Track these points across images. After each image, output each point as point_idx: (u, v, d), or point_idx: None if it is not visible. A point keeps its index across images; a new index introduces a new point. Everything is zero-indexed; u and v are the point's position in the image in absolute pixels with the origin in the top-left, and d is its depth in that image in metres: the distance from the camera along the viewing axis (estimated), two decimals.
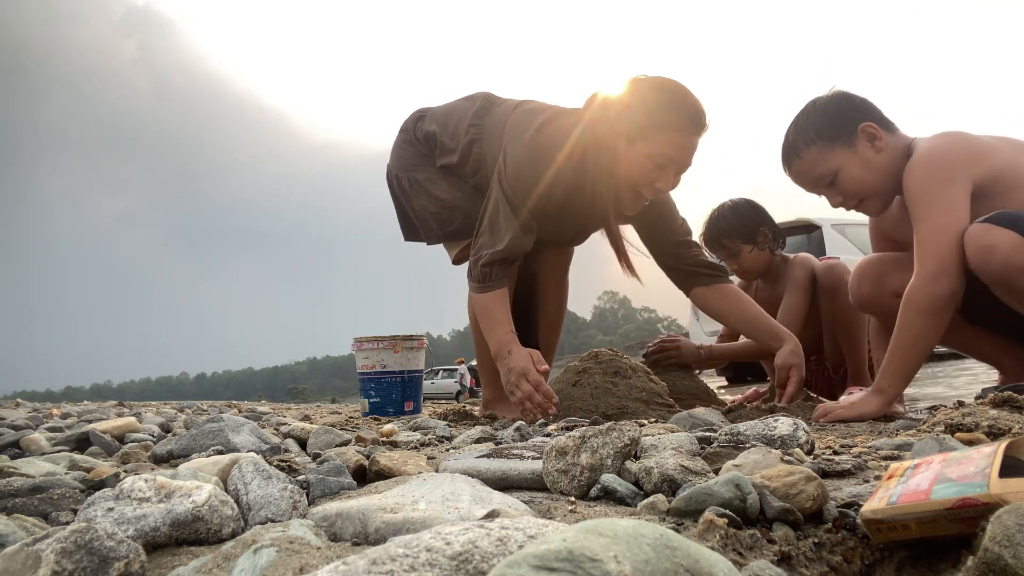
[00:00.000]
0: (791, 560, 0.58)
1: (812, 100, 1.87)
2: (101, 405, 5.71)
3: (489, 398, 2.44)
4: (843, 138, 1.78)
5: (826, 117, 1.80)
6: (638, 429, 0.86)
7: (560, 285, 2.60)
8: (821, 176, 1.83)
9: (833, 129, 1.79)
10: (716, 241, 2.61)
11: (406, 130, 2.53)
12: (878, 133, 1.76)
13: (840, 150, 1.79)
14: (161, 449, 1.20)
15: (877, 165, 1.78)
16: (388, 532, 0.61)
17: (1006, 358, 1.95)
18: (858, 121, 1.77)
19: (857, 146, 1.78)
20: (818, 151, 1.81)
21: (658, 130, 1.95)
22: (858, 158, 1.78)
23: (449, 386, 24.92)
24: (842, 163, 1.79)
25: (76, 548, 0.50)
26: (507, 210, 2.09)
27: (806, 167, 1.84)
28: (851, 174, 1.80)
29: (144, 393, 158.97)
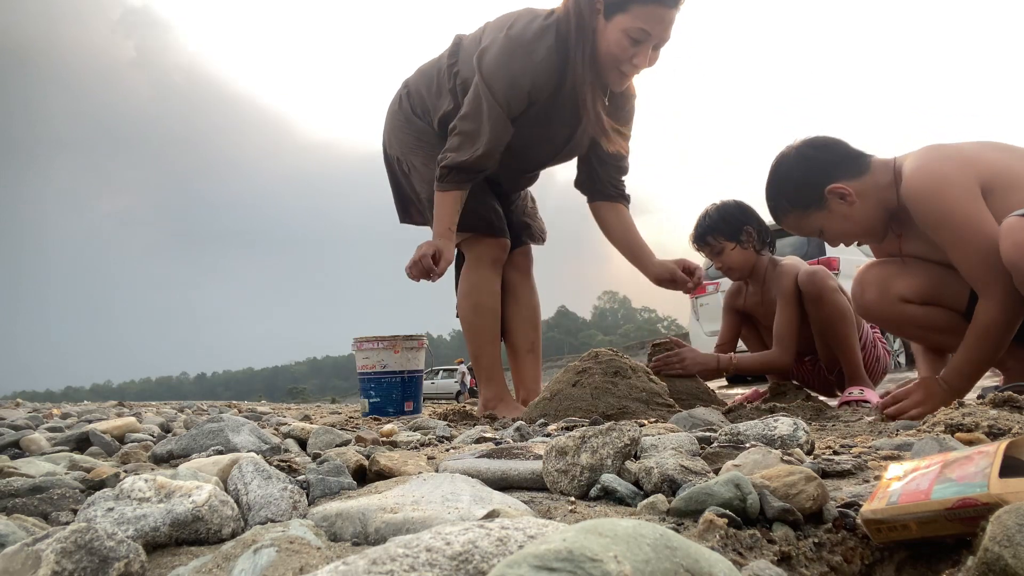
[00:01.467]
0: (791, 560, 0.58)
1: (777, 160, 1.91)
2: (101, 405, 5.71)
3: (489, 397, 2.44)
4: (814, 205, 1.84)
5: (793, 186, 1.86)
6: (638, 429, 0.86)
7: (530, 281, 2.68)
8: (809, 232, 1.91)
9: (802, 199, 1.85)
10: (701, 239, 2.65)
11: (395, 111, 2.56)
12: (845, 190, 1.79)
13: (815, 213, 1.85)
14: (161, 449, 1.20)
15: (855, 216, 1.82)
16: (388, 532, 0.61)
17: (1010, 359, 1.95)
18: (823, 185, 1.81)
19: (830, 206, 1.82)
20: (795, 216, 1.89)
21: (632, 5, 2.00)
22: (834, 216, 1.84)
23: (449, 386, 24.92)
24: (822, 222, 1.86)
25: (76, 548, 0.50)
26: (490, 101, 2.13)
27: (792, 227, 1.93)
28: (833, 229, 1.86)
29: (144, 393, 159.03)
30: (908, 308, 1.92)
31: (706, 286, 7.61)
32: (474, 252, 2.49)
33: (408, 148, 2.47)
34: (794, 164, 1.87)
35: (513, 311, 2.63)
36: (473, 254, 2.50)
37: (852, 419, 1.72)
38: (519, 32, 2.12)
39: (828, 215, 1.83)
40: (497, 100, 2.11)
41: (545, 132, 2.31)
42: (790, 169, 1.87)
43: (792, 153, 1.88)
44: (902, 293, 1.91)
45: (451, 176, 2.20)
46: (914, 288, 1.90)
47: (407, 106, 2.50)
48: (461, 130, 2.18)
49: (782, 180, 1.88)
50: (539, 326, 2.71)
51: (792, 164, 1.87)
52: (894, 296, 1.92)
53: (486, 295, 2.45)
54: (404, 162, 2.50)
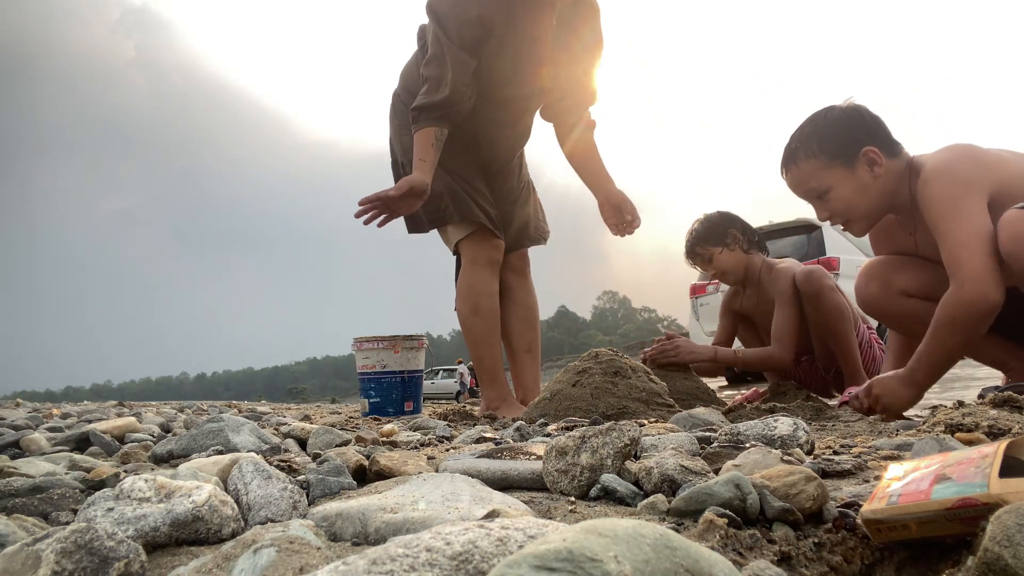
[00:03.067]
0: (791, 560, 0.58)
1: (825, 109, 1.86)
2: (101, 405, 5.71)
3: (492, 398, 2.45)
4: (844, 157, 1.78)
5: (833, 132, 1.79)
6: (638, 429, 0.86)
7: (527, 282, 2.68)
8: (813, 190, 1.84)
9: (837, 146, 1.78)
10: (691, 252, 2.69)
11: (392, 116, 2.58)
12: (879, 159, 1.76)
13: (838, 169, 1.79)
14: (161, 449, 1.20)
15: (871, 190, 1.79)
16: (388, 532, 0.61)
17: (1012, 360, 1.95)
18: (863, 143, 1.76)
19: (856, 169, 1.78)
20: (817, 164, 1.81)
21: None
22: (854, 180, 1.78)
23: (449, 386, 24.92)
24: (837, 182, 1.79)
25: (76, 548, 0.50)
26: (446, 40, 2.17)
27: (802, 177, 1.85)
28: (843, 195, 1.80)
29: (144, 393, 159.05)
30: (909, 302, 1.92)
31: (705, 286, 7.61)
32: (470, 254, 2.50)
33: (407, 149, 2.48)
34: (844, 114, 1.82)
35: (510, 312, 2.63)
36: (469, 256, 2.50)
37: (852, 419, 1.72)
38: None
39: (849, 176, 1.78)
40: (450, 37, 2.16)
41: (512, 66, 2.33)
42: (839, 117, 1.81)
43: (845, 105, 1.84)
44: (904, 287, 1.91)
45: (422, 116, 2.24)
46: (916, 283, 1.89)
47: (401, 107, 2.51)
48: (427, 75, 2.23)
49: (825, 123, 1.82)
50: (537, 327, 2.71)
51: (842, 113, 1.82)
52: (896, 290, 1.92)
53: (484, 296, 2.46)
54: (406, 166, 2.51)
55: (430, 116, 2.24)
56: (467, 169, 2.47)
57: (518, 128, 2.59)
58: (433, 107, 2.23)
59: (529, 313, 2.66)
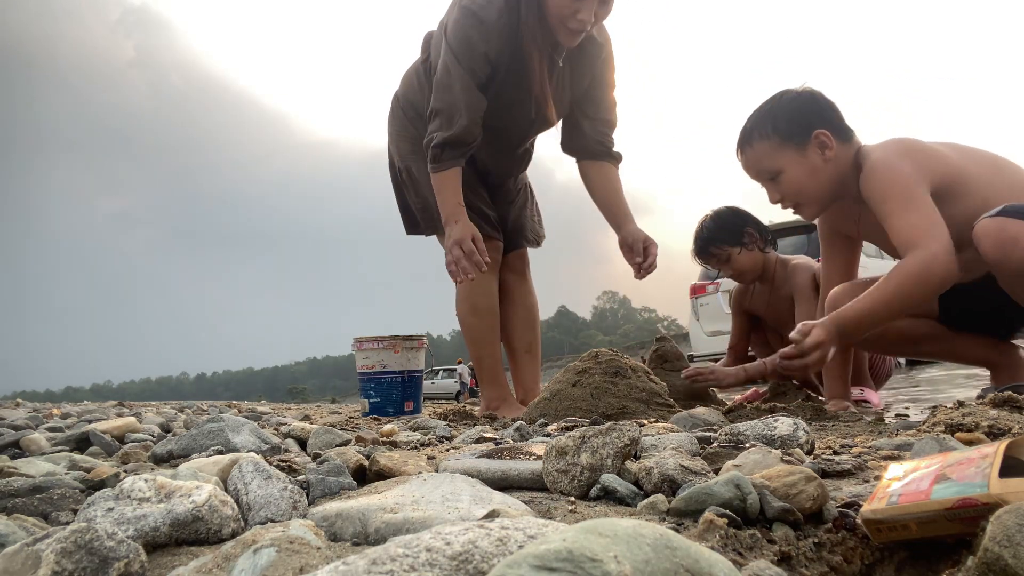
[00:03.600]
0: (791, 560, 0.58)
1: (780, 92, 1.88)
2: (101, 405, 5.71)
3: (492, 398, 2.45)
4: (796, 140, 1.80)
5: (786, 114, 1.82)
6: (638, 429, 0.86)
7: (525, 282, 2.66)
8: (765, 171, 1.86)
9: (789, 128, 1.81)
10: (705, 252, 2.63)
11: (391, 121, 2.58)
12: (830, 143, 1.79)
13: (790, 151, 1.81)
14: (161, 449, 1.20)
15: (821, 174, 1.81)
16: (388, 532, 0.61)
17: (996, 356, 1.96)
18: (815, 126, 1.79)
19: (807, 151, 1.80)
20: (770, 146, 1.83)
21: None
22: (805, 163, 1.81)
23: (449, 386, 24.93)
24: (788, 164, 1.82)
25: (76, 548, 0.50)
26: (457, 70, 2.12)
27: (755, 157, 1.87)
28: (794, 176, 1.82)
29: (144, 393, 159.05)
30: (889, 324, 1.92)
31: (705, 286, 7.61)
32: None
33: (405, 155, 2.48)
34: (798, 96, 1.84)
35: (510, 312, 2.63)
36: None
37: (852, 419, 1.72)
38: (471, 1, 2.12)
39: (799, 159, 1.81)
40: (463, 68, 2.11)
41: (516, 96, 2.28)
42: (793, 100, 1.84)
43: (800, 89, 1.87)
44: None
45: (444, 154, 2.18)
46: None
47: (400, 114, 2.51)
48: (438, 108, 2.18)
49: (780, 105, 1.85)
50: (536, 327, 2.70)
51: (796, 96, 1.85)
52: None
53: (482, 297, 2.46)
54: (404, 171, 2.51)
55: (452, 154, 2.17)
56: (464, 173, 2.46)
57: (517, 154, 2.58)
58: (452, 143, 2.16)
59: (528, 313, 2.66)
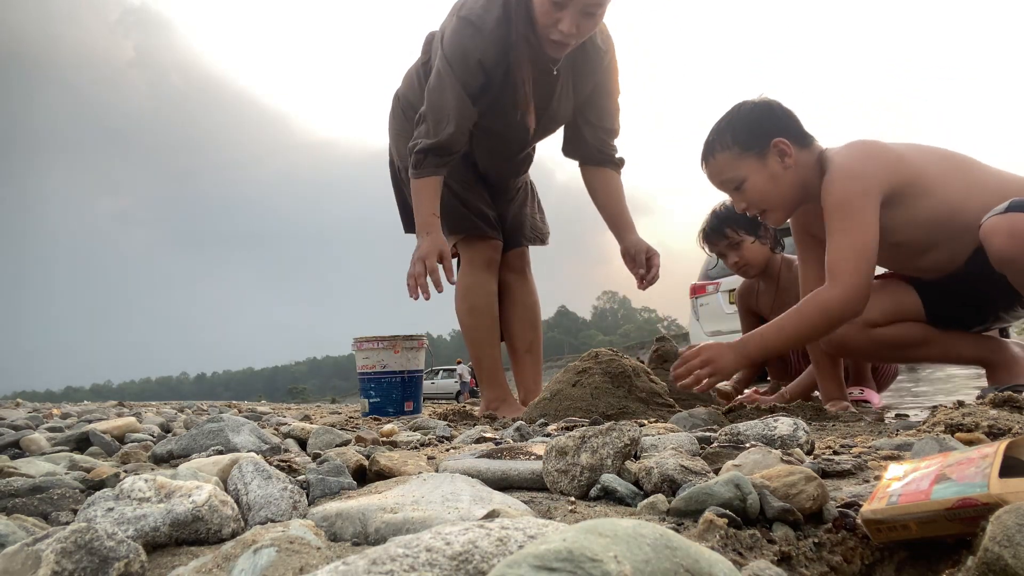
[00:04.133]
0: (791, 560, 0.58)
1: (738, 104, 1.93)
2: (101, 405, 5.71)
3: (491, 399, 2.45)
4: (755, 149, 1.85)
5: (745, 125, 1.87)
6: (638, 429, 0.86)
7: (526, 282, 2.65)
8: (729, 180, 1.91)
9: (749, 138, 1.86)
10: (719, 231, 2.60)
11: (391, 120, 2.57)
12: (788, 150, 1.83)
13: (751, 160, 1.86)
14: (161, 449, 1.20)
15: (782, 180, 1.85)
16: (388, 532, 0.61)
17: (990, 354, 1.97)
18: (773, 135, 1.84)
19: (767, 159, 1.85)
20: (731, 156, 1.88)
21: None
22: (766, 171, 1.85)
23: (449, 386, 24.93)
24: (750, 172, 1.87)
25: (76, 548, 0.50)
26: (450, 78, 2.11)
27: (718, 168, 1.92)
28: (756, 185, 1.87)
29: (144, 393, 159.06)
30: (878, 332, 1.95)
31: (705, 286, 7.60)
32: (467, 254, 2.50)
33: (404, 155, 2.48)
34: (756, 107, 1.90)
35: (510, 312, 2.63)
36: (466, 256, 2.50)
37: (852, 419, 1.72)
38: (469, 8, 2.11)
39: (760, 167, 1.85)
40: (456, 76, 2.10)
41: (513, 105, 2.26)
42: (751, 110, 1.90)
43: (757, 99, 1.93)
44: (867, 318, 1.92)
45: (427, 161, 2.16)
46: (876, 310, 1.92)
47: (400, 113, 2.51)
48: (426, 113, 2.17)
49: (738, 116, 1.90)
50: (538, 326, 2.69)
51: (754, 107, 1.90)
52: (861, 323, 1.94)
53: (481, 297, 2.46)
54: (403, 170, 2.51)
55: (434, 161, 2.16)
56: (462, 172, 2.45)
57: (517, 159, 2.57)
58: (435, 149, 2.14)
59: (529, 313, 2.65)
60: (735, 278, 2.84)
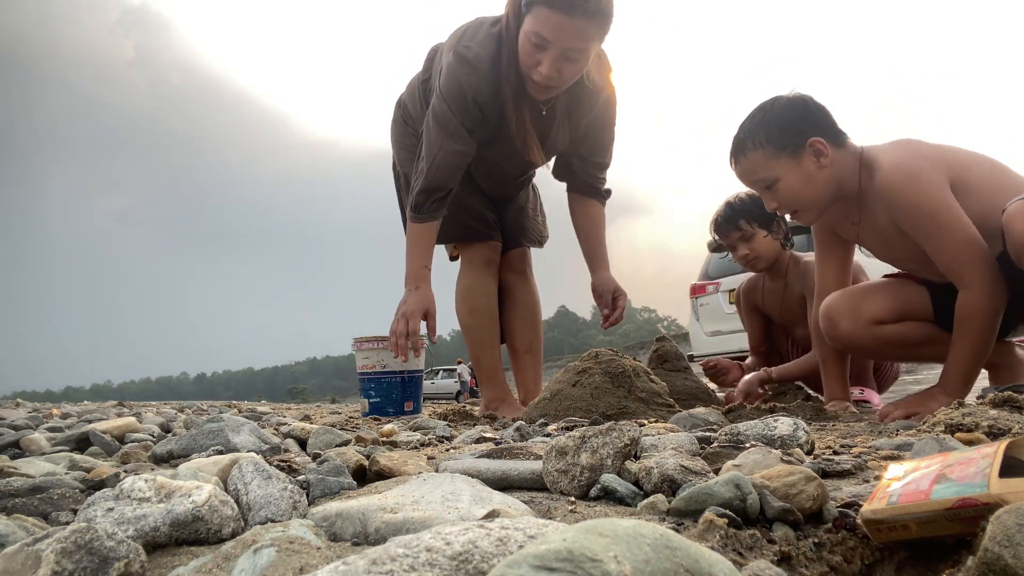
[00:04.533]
0: (791, 560, 0.58)
1: (771, 99, 1.87)
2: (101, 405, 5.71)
3: (490, 399, 2.45)
4: (790, 148, 1.79)
5: (779, 123, 1.81)
6: (638, 429, 0.86)
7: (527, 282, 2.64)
8: (762, 180, 1.85)
9: (783, 137, 1.80)
10: (733, 222, 2.58)
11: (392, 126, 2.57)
12: (825, 150, 1.78)
13: (785, 159, 1.80)
14: (161, 449, 1.20)
15: (817, 180, 1.80)
16: (388, 532, 0.61)
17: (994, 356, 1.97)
18: (809, 134, 1.78)
19: (802, 159, 1.79)
20: (764, 155, 1.82)
21: (535, 7, 1.92)
22: (800, 171, 1.80)
23: (449, 386, 24.94)
24: (784, 172, 1.81)
25: (76, 548, 0.50)
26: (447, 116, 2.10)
27: (750, 167, 1.86)
28: (790, 185, 1.81)
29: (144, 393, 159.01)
30: (883, 329, 1.92)
31: (705, 286, 7.60)
32: (466, 255, 2.50)
33: (404, 161, 2.48)
34: (790, 104, 1.83)
35: (511, 313, 2.63)
36: (465, 257, 2.51)
37: (852, 419, 1.72)
38: (464, 47, 2.08)
39: (795, 167, 1.80)
40: (453, 114, 2.09)
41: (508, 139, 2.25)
42: (785, 108, 1.83)
43: (791, 95, 1.86)
44: (874, 315, 1.90)
45: (426, 205, 2.15)
46: (883, 307, 1.90)
47: (401, 121, 2.51)
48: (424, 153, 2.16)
49: (772, 114, 1.84)
50: (538, 327, 2.69)
51: (788, 104, 1.84)
52: (867, 320, 1.91)
53: (480, 297, 2.46)
54: (403, 176, 2.52)
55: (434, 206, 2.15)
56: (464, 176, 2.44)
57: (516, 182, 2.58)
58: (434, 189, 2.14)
59: (529, 313, 2.65)
60: (735, 278, 2.84)
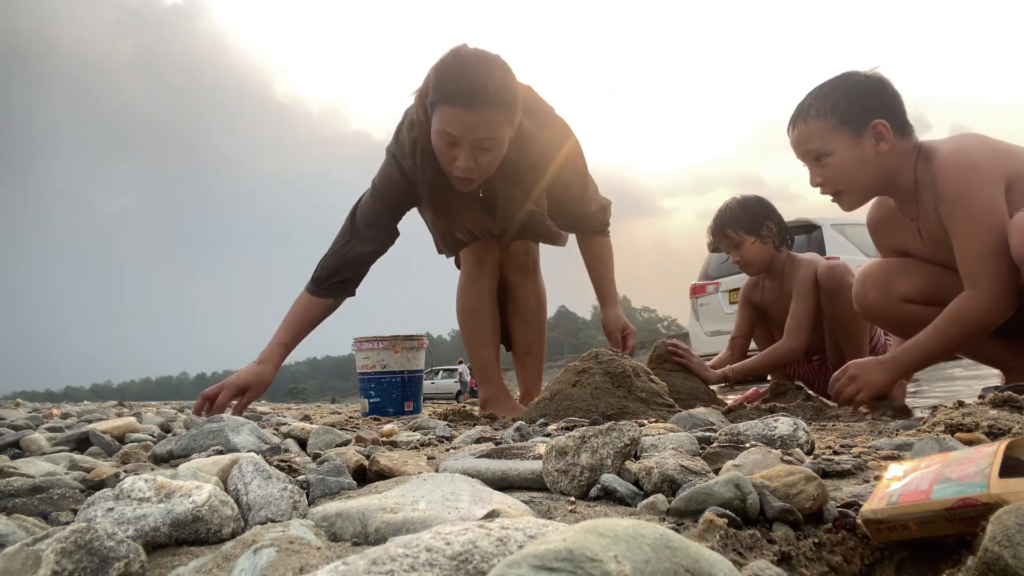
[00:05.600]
0: (791, 560, 0.58)
1: (847, 73, 1.83)
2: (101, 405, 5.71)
3: (487, 397, 2.45)
4: (853, 125, 1.74)
5: (849, 97, 1.76)
6: (638, 429, 0.86)
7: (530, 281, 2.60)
8: (815, 150, 1.81)
9: (849, 112, 1.75)
10: (720, 231, 2.63)
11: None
12: (887, 135, 1.73)
13: (845, 135, 1.75)
14: (161, 449, 1.20)
15: (871, 164, 1.76)
16: (388, 532, 0.61)
17: (1011, 359, 1.95)
18: (876, 114, 1.73)
19: (862, 139, 1.74)
20: (825, 126, 1.77)
21: (438, 106, 1.92)
22: (857, 150, 1.75)
23: (449, 386, 24.95)
24: (839, 147, 1.76)
25: (76, 548, 0.50)
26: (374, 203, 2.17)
27: (807, 135, 1.81)
28: (842, 162, 1.77)
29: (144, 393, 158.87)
30: (910, 308, 1.90)
31: (705, 286, 7.61)
32: (464, 255, 2.50)
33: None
34: (865, 81, 1.78)
35: (512, 313, 2.62)
36: (464, 257, 2.51)
37: (852, 419, 1.72)
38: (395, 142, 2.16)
39: (853, 146, 1.75)
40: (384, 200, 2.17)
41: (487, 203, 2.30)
42: (859, 83, 1.78)
43: (870, 73, 1.81)
44: (905, 293, 1.89)
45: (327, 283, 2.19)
46: (916, 288, 1.88)
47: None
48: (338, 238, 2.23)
49: (846, 86, 1.78)
50: (540, 327, 2.67)
51: (863, 80, 1.78)
52: (896, 296, 1.90)
53: (472, 298, 2.46)
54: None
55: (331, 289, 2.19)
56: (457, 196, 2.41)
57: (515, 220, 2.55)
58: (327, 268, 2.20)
59: (530, 314, 2.64)
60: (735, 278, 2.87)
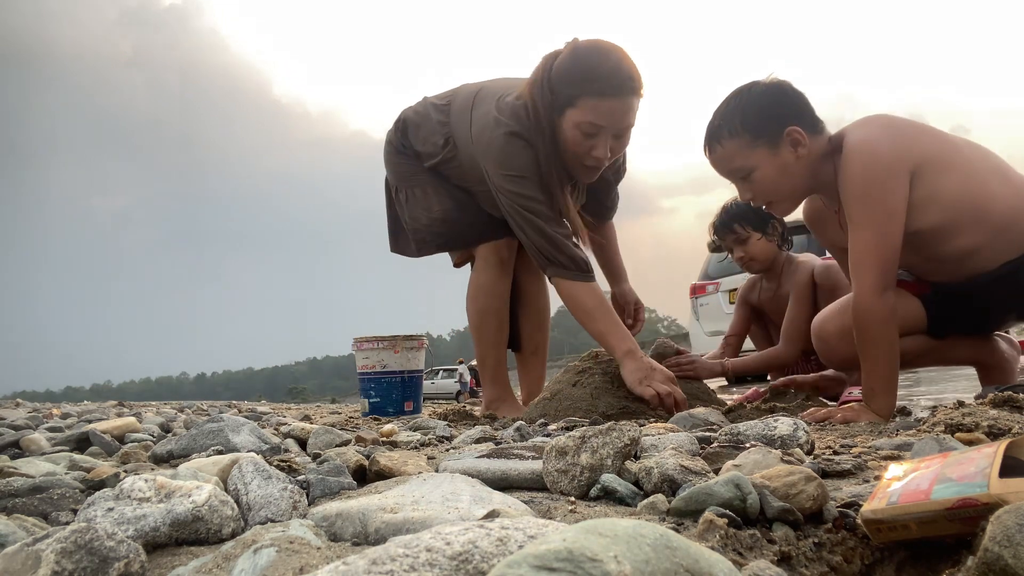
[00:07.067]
0: (791, 560, 0.58)
1: (747, 85, 1.80)
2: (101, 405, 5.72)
3: (491, 399, 2.44)
4: (767, 137, 1.72)
5: (756, 110, 1.74)
6: (638, 429, 0.86)
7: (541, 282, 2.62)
8: (737, 170, 1.79)
9: (760, 125, 1.73)
10: (727, 226, 2.64)
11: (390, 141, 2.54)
12: (803, 139, 1.71)
13: (762, 149, 1.73)
14: (161, 449, 1.20)
15: (794, 170, 1.74)
16: (388, 532, 0.61)
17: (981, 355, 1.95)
18: (787, 122, 1.71)
19: (780, 149, 1.73)
20: (739, 144, 1.75)
21: (580, 98, 1.95)
22: (777, 161, 1.73)
23: (449, 386, 24.94)
24: (760, 162, 1.74)
25: (76, 548, 0.50)
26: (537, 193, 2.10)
27: (725, 156, 1.79)
28: (766, 176, 1.75)
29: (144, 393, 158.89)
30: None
31: (705, 286, 7.60)
32: (481, 252, 2.49)
33: (403, 177, 2.46)
34: (768, 91, 1.76)
35: (520, 313, 2.62)
36: (480, 254, 2.50)
37: None
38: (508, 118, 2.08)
39: (772, 158, 1.73)
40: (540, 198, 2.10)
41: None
42: (763, 94, 1.75)
43: (769, 81, 1.78)
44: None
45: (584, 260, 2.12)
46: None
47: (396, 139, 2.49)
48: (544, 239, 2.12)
49: (749, 101, 1.76)
50: (545, 327, 2.69)
51: (766, 90, 1.76)
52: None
53: (490, 297, 2.45)
54: (400, 190, 2.50)
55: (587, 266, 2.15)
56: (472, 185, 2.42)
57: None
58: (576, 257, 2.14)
59: (538, 316, 2.66)
60: (735, 278, 2.88)
